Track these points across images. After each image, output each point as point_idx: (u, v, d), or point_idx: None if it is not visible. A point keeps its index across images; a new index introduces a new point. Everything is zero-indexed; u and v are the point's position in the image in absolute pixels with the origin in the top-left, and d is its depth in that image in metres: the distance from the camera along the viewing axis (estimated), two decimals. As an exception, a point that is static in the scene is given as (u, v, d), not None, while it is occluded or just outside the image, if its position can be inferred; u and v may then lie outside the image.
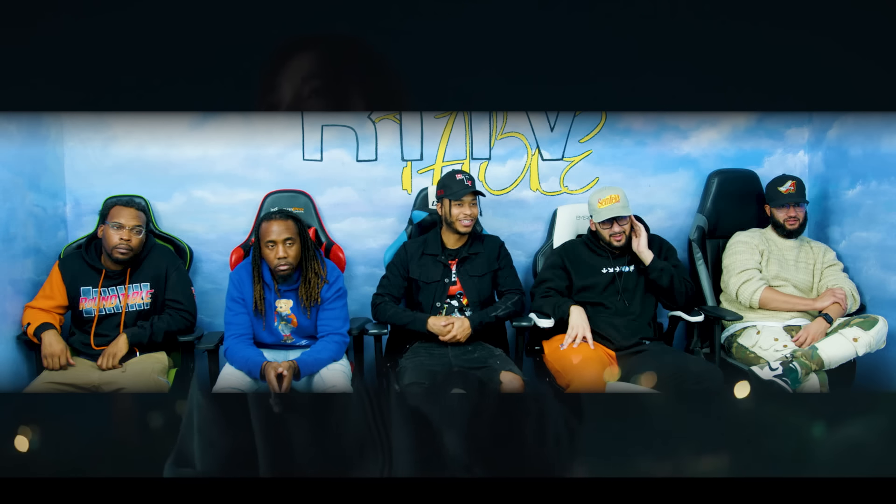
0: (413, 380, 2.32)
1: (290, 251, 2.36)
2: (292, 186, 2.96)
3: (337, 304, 2.46)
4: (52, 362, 2.38)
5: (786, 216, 2.80)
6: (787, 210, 2.79)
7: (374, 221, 3.04)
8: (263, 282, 2.41)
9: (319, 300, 2.43)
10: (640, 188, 3.08)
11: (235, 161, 2.97)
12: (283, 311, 2.43)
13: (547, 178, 3.08)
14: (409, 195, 3.02)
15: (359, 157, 3.01)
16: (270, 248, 2.35)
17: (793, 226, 2.80)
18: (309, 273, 2.42)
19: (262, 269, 2.42)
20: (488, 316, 2.54)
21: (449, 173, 2.61)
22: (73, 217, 2.93)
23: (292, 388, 2.40)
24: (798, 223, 2.80)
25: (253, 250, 2.44)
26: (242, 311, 2.42)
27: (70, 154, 2.91)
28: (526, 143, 3.05)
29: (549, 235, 2.99)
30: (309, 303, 2.41)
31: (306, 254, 2.42)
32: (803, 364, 2.42)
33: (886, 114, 2.50)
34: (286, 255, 2.35)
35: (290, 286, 2.43)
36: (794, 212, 2.79)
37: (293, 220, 2.40)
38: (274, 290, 2.42)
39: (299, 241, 2.39)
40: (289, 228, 2.37)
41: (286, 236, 2.35)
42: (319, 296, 2.43)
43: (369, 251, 3.05)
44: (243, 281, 2.43)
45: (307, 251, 2.42)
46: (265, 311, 2.41)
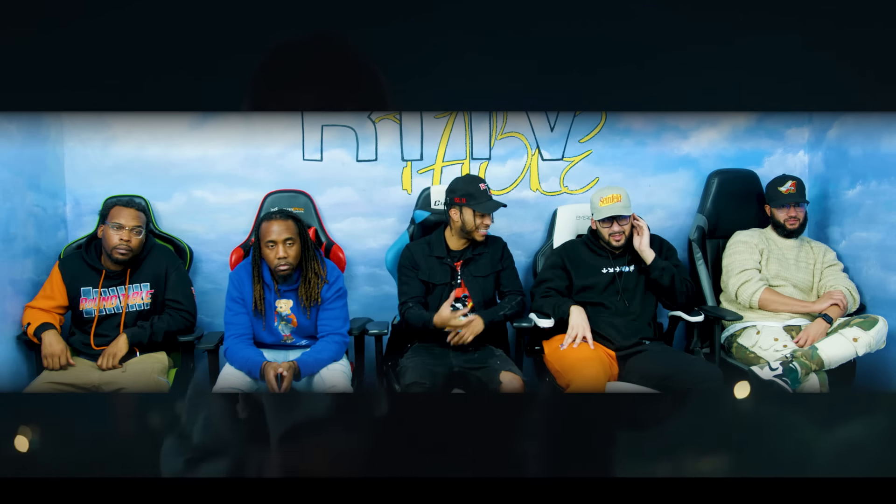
0: (414, 379, 2.31)
1: (291, 251, 2.36)
2: (292, 186, 2.96)
3: (337, 304, 2.46)
4: (52, 362, 2.38)
5: (786, 216, 2.80)
6: (788, 210, 2.79)
7: (375, 221, 3.04)
8: (263, 282, 2.41)
9: (319, 300, 2.43)
10: (640, 188, 3.07)
11: (235, 161, 2.97)
12: (283, 311, 2.43)
13: (547, 178, 3.07)
14: (409, 195, 3.02)
15: (359, 157, 3.01)
16: (270, 248, 2.35)
17: (793, 226, 2.80)
18: (309, 273, 2.42)
19: (262, 269, 2.42)
20: (497, 315, 2.54)
21: (469, 180, 2.59)
22: (73, 217, 2.93)
23: (292, 388, 2.40)
24: (798, 223, 2.80)
25: (253, 250, 2.44)
26: (242, 311, 2.42)
27: (70, 154, 2.91)
28: (526, 143, 3.05)
29: (549, 235, 2.99)
30: (309, 303, 2.41)
31: (306, 254, 2.42)
32: (803, 364, 2.42)
33: (886, 114, 2.50)
34: (286, 255, 2.35)
35: (290, 286, 2.43)
36: (795, 212, 2.79)
37: (293, 220, 2.40)
38: (274, 290, 2.42)
39: (299, 241, 2.39)
40: (289, 228, 2.37)
41: (286, 236, 2.35)
42: (319, 296, 2.42)
43: (369, 251, 3.05)
44: (243, 281, 2.43)
45: (307, 251, 2.42)
46: (265, 311, 2.41)
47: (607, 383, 2.38)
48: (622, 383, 2.45)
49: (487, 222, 2.57)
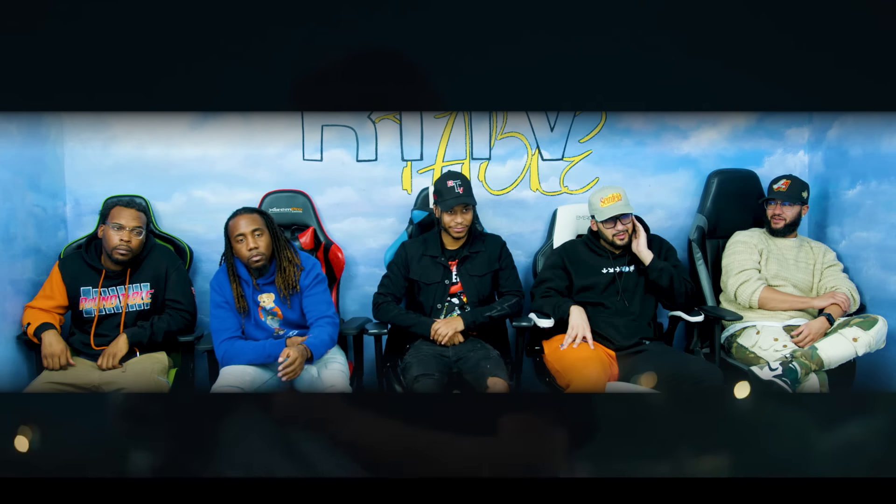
0: (422, 371, 2.33)
1: (261, 241, 2.37)
2: (292, 186, 2.96)
3: (317, 289, 2.47)
4: (52, 362, 2.38)
5: (772, 213, 2.80)
6: (774, 207, 2.79)
7: (374, 221, 3.04)
8: (240, 278, 2.42)
9: (298, 287, 2.43)
10: (640, 188, 3.08)
11: (235, 161, 2.97)
12: (266, 306, 2.44)
13: (547, 178, 3.08)
14: (409, 195, 3.02)
15: (359, 157, 3.01)
16: (241, 242, 2.37)
17: (777, 224, 2.79)
18: (283, 262, 2.43)
19: (237, 266, 2.42)
20: (482, 316, 2.55)
21: (443, 178, 2.60)
22: (73, 217, 2.93)
23: (292, 388, 2.40)
24: (784, 222, 2.79)
25: (225, 251, 2.44)
26: (229, 314, 2.41)
27: (70, 154, 2.91)
28: (526, 143, 3.05)
29: (549, 235, 2.99)
30: (288, 291, 2.41)
31: (277, 244, 2.43)
32: (803, 364, 2.42)
33: (886, 114, 2.50)
34: (257, 245, 2.36)
35: (268, 279, 2.43)
36: (780, 209, 2.78)
37: (258, 213, 2.42)
38: (252, 285, 2.42)
39: (268, 231, 2.40)
40: (255, 220, 2.39)
41: (253, 227, 2.37)
42: (297, 283, 2.43)
43: (369, 251, 3.05)
44: (223, 284, 2.42)
45: (277, 241, 2.43)
46: (248, 307, 2.41)
47: (607, 383, 2.38)
48: (622, 383, 2.45)
49: (459, 220, 2.56)
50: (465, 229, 2.59)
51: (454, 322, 2.52)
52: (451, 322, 2.52)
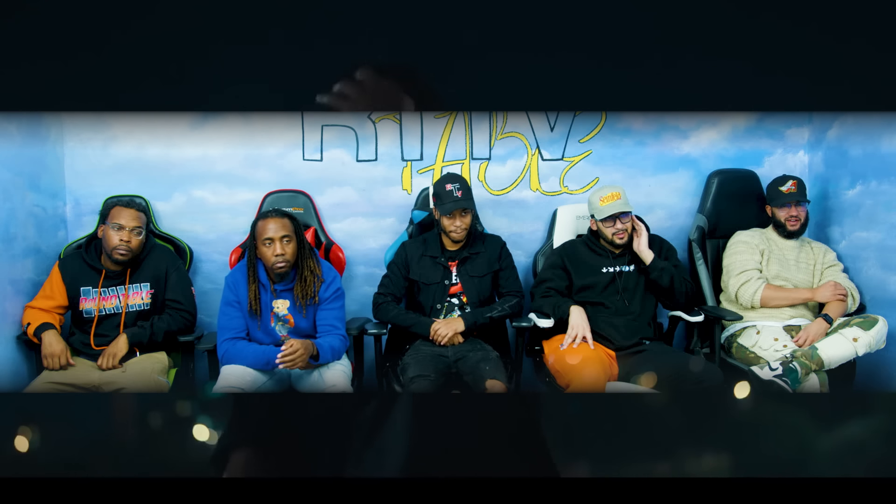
0: (418, 372, 2.34)
1: (288, 248, 2.35)
2: (292, 186, 2.96)
3: (335, 304, 2.45)
4: (52, 362, 2.38)
5: (787, 216, 2.79)
6: (789, 209, 2.79)
7: (374, 221, 3.04)
8: (259, 281, 2.40)
9: (317, 299, 2.42)
10: (640, 188, 3.08)
11: (235, 161, 2.97)
12: (280, 312, 2.42)
13: (547, 178, 3.08)
14: (409, 195, 3.02)
15: (359, 157, 3.01)
16: (267, 246, 2.34)
17: (794, 226, 2.79)
18: (305, 271, 2.41)
19: (258, 268, 2.41)
20: (482, 317, 2.55)
21: (441, 180, 2.59)
22: (73, 217, 2.93)
23: (292, 388, 2.40)
24: (800, 223, 2.80)
25: (248, 250, 2.43)
26: (238, 314, 2.40)
27: (70, 154, 2.91)
28: (526, 143, 3.06)
29: (549, 235, 2.99)
30: (305, 301, 2.39)
31: (302, 252, 2.41)
32: (803, 364, 2.42)
33: (886, 114, 2.50)
34: (283, 252, 2.34)
35: (286, 286, 2.42)
36: (796, 211, 2.79)
37: (289, 218, 2.40)
38: (270, 290, 2.41)
39: (296, 238, 2.39)
40: (285, 226, 2.37)
41: (283, 233, 2.35)
42: (317, 294, 2.41)
43: (369, 251, 3.05)
44: (238, 283, 2.41)
45: (303, 249, 2.42)
46: (261, 311, 2.39)
47: (607, 383, 2.38)
48: (622, 383, 2.45)
49: (458, 223, 2.56)
50: (464, 232, 2.59)
51: (454, 323, 2.52)
52: (451, 322, 2.52)
